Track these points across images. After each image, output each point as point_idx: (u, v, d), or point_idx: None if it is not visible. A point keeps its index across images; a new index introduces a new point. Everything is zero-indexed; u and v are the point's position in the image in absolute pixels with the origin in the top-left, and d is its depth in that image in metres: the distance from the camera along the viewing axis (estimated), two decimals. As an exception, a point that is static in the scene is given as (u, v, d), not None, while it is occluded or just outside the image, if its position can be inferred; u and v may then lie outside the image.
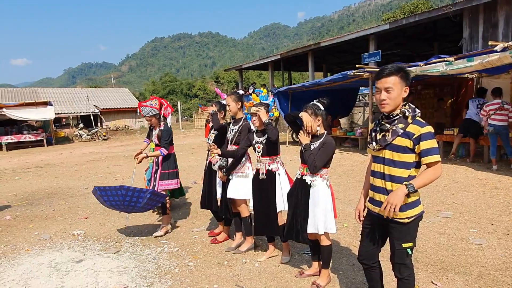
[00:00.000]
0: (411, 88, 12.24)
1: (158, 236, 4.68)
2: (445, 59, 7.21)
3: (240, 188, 3.91)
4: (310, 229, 3.11)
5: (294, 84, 17.43)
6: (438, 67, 7.35)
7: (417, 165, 2.30)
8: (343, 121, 14.62)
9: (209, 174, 4.42)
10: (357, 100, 14.84)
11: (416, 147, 2.22)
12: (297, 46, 19.94)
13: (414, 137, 2.22)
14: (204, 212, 5.68)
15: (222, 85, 50.22)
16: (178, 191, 5.58)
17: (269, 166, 3.60)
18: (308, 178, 3.11)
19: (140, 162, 4.79)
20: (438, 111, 11.14)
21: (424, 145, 2.20)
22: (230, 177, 4.01)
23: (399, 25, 12.61)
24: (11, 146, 20.36)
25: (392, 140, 2.28)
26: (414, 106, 2.33)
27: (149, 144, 5.33)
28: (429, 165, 2.23)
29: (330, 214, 3.08)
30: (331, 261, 3.25)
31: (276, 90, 13.10)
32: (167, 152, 4.70)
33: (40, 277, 3.61)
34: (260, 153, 3.61)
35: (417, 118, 2.27)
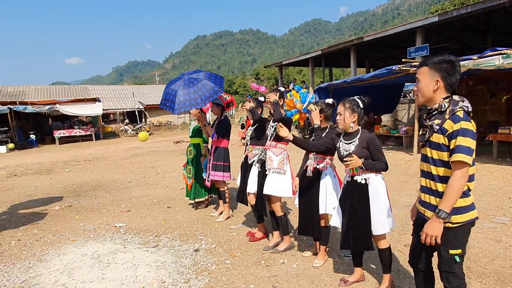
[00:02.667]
0: (461, 83, 11.47)
1: (220, 221, 5.14)
2: (502, 52, 6.67)
3: (277, 185, 3.80)
4: (381, 231, 2.89)
5: (336, 80, 16.94)
6: (494, 60, 6.80)
7: None
8: (385, 118, 14.07)
9: (245, 168, 4.37)
10: (401, 96, 14.18)
11: (450, 143, 2.02)
12: (339, 42, 19.40)
13: (447, 133, 2.02)
14: (242, 209, 5.66)
15: (262, 82, 50.24)
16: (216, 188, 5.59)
17: (317, 164, 3.47)
18: (359, 178, 2.94)
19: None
20: (491, 108, 10.38)
21: (455, 142, 1.98)
22: (267, 172, 3.92)
23: (449, 17, 11.83)
24: (63, 140, 21.67)
25: (429, 137, 2.12)
26: (458, 100, 2.08)
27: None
28: (454, 166, 2.00)
29: (389, 208, 2.96)
30: (391, 266, 3.02)
31: (317, 87, 12.83)
32: (217, 137, 4.95)
33: (83, 268, 3.73)
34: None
35: (457, 113, 2.03)
